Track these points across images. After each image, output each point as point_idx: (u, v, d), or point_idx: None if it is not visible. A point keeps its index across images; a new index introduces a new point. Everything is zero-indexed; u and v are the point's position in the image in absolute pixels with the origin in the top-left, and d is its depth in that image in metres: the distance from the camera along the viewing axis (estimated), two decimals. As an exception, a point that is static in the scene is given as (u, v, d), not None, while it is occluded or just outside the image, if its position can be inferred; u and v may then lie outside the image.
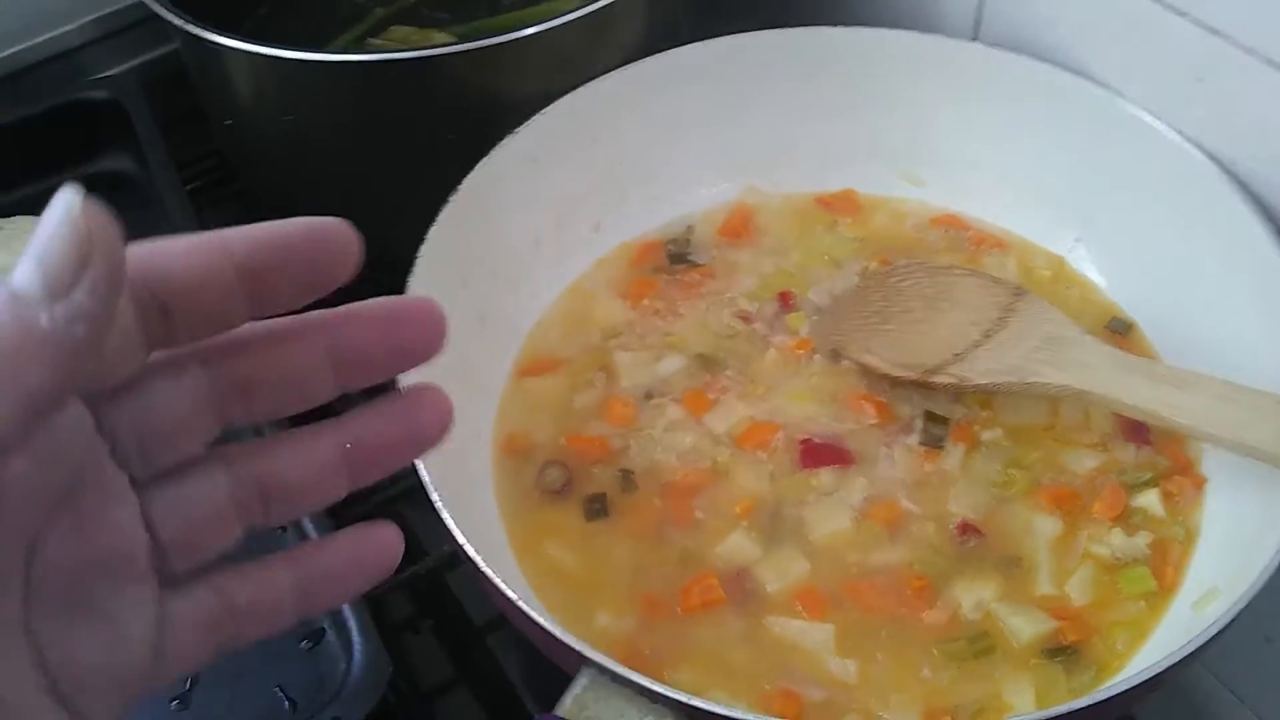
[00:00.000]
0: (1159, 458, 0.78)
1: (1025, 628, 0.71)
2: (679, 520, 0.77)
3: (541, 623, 0.61)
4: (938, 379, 0.79)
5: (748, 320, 0.88)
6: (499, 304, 0.87)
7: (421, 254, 0.78)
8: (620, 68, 0.89)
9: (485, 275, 0.86)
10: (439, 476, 0.68)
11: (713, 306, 0.89)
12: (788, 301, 0.88)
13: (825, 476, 0.78)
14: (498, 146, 0.84)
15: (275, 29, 1.09)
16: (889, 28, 0.91)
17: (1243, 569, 0.65)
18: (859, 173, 0.96)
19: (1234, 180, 0.78)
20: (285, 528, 0.75)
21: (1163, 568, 0.73)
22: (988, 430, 0.80)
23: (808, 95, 0.94)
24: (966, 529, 0.75)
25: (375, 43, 1.06)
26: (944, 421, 0.80)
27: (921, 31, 0.91)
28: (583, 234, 0.93)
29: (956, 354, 0.80)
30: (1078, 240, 0.90)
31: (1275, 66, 0.74)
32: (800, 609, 0.73)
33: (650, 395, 0.84)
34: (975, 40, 0.93)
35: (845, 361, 0.84)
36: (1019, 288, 0.82)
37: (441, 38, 1.04)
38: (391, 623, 0.86)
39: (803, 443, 0.80)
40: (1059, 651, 0.70)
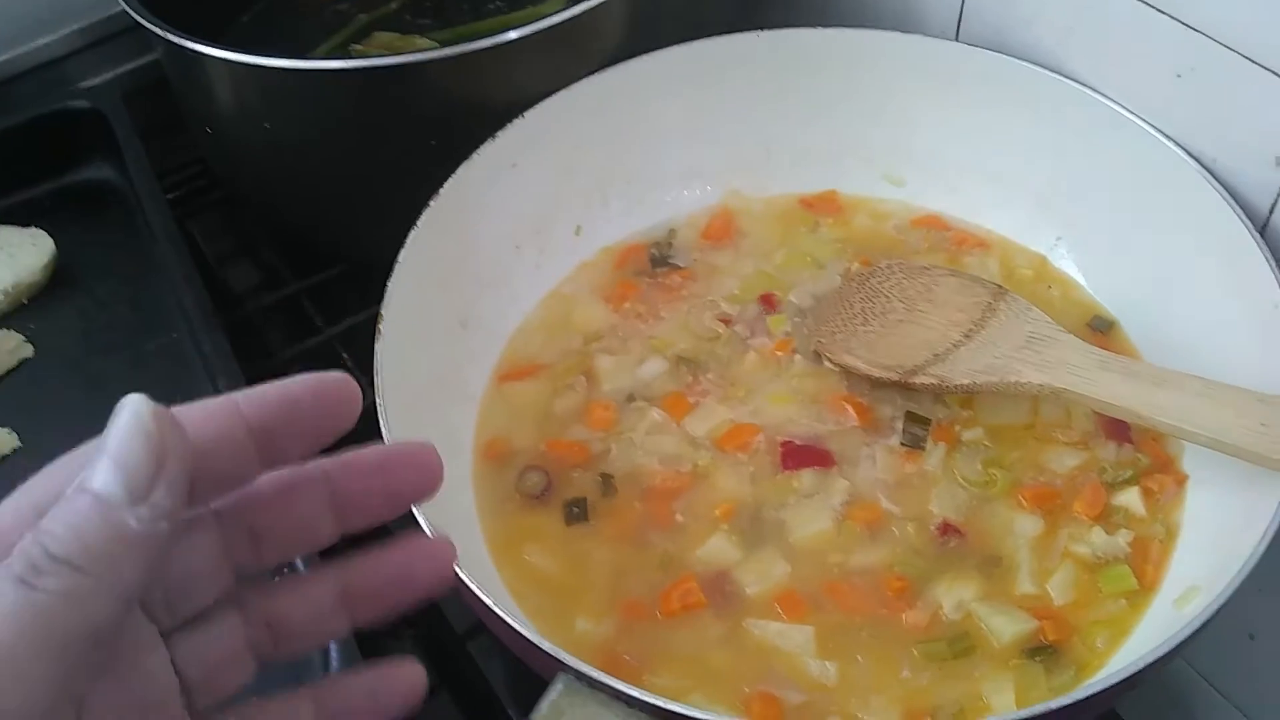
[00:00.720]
0: (1140, 456, 0.78)
1: (1006, 627, 0.70)
2: (659, 524, 0.77)
3: (516, 628, 0.61)
4: (919, 379, 0.79)
5: (729, 323, 0.87)
6: (480, 308, 0.87)
7: (402, 259, 0.78)
8: (600, 71, 0.89)
9: (466, 279, 0.86)
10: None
11: (694, 309, 0.89)
12: (769, 303, 0.88)
13: (806, 478, 0.78)
14: (478, 151, 0.84)
15: (258, 37, 1.09)
16: (870, 28, 0.91)
17: (1223, 566, 0.64)
18: (841, 173, 0.96)
19: (1214, 177, 0.78)
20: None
21: (1143, 566, 0.73)
22: (969, 430, 0.79)
23: (789, 97, 0.94)
24: (947, 529, 0.75)
25: (358, 49, 1.06)
26: (925, 422, 0.80)
27: (902, 32, 0.91)
28: (564, 238, 0.92)
29: (937, 354, 0.80)
30: (1059, 239, 0.90)
31: (1255, 63, 0.74)
32: (780, 611, 0.73)
33: (631, 399, 0.84)
34: (956, 40, 0.93)
35: (826, 363, 0.83)
36: (1000, 287, 0.82)
37: (424, 43, 1.04)
38: (372, 631, 0.85)
39: (783, 444, 0.80)
40: (1039, 651, 0.70)
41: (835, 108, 0.94)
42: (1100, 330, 0.85)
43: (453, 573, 0.45)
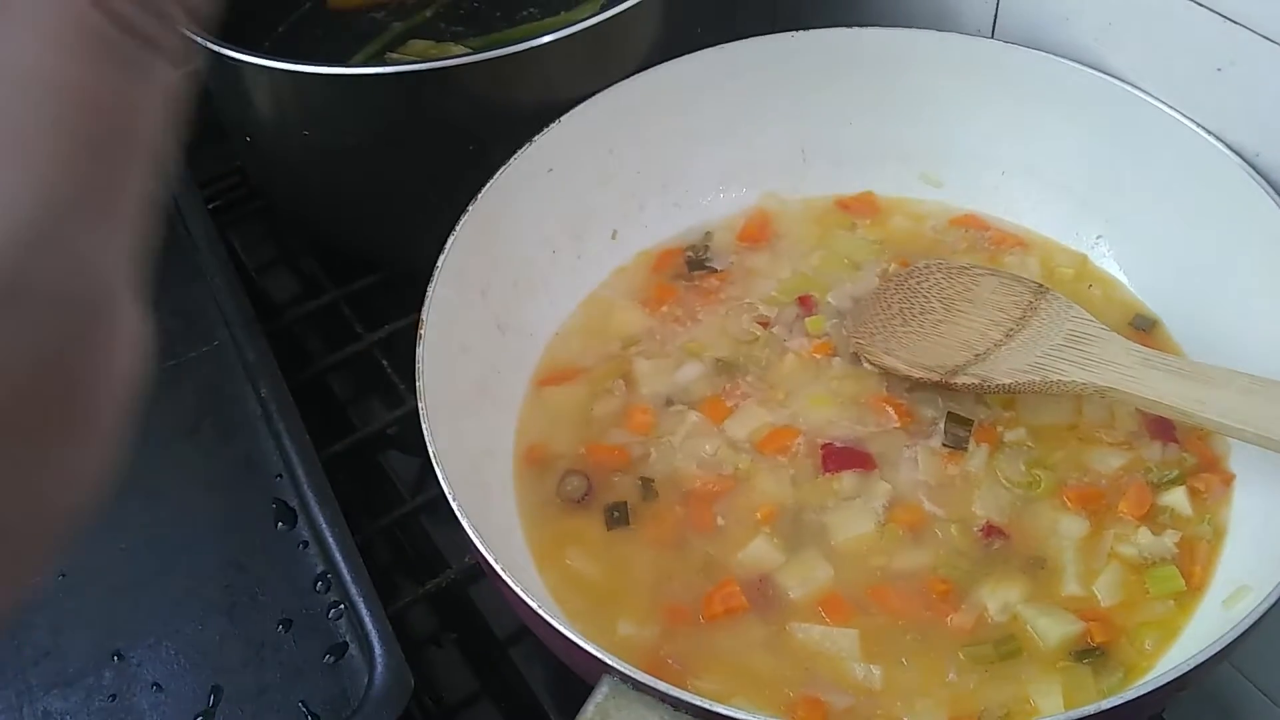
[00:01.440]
0: (1186, 455, 0.77)
1: (1052, 629, 0.70)
2: (700, 527, 0.77)
3: (562, 630, 0.61)
4: (960, 380, 0.78)
5: (767, 325, 0.87)
6: (518, 313, 0.87)
7: (441, 264, 0.78)
8: (635, 74, 0.89)
9: (504, 284, 0.86)
10: (459, 487, 0.68)
11: (732, 312, 0.89)
12: (807, 305, 0.88)
13: (847, 481, 0.78)
14: (515, 156, 0.85)
15: (295, 47, 1.10)
16: (905, 27, 0.91)
17: (1273, 565, 0.64)
18: (878, 174, 0.95)
19: (1257, 172, 0.77)
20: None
21: (1191, 566, 0.72)
22: (1011, 431, 0.79)
23: (824, 97, 0.94)
24: (991, 531, 0.75)
25: (394, 57, 1.06)
26: (967, 423, 0.79)
27: (938, 30, 0.90)
28: (601, 242, 0.93)
29: (978, 354, 0.79)
30: (1100, 237, 0.89)
31: (1296, 56, 0.73)
32: (824, 615, 0.72)
33: (670, 402, 0.84)
34: (992, 38, 0.92)
35: (866, 364, 0.83)
36: (1040, 286, 0.81)
37: (459, 50, 1.05)
38: (414, 637, 0.86)
39: (824, 447, 0.80)
40: (1087, 653, 0.69)
41: (871, 108, 0.94)
42: (1143, 329, 0.84)
43: None
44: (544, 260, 0.89)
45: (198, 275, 0.97)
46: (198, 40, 0.85)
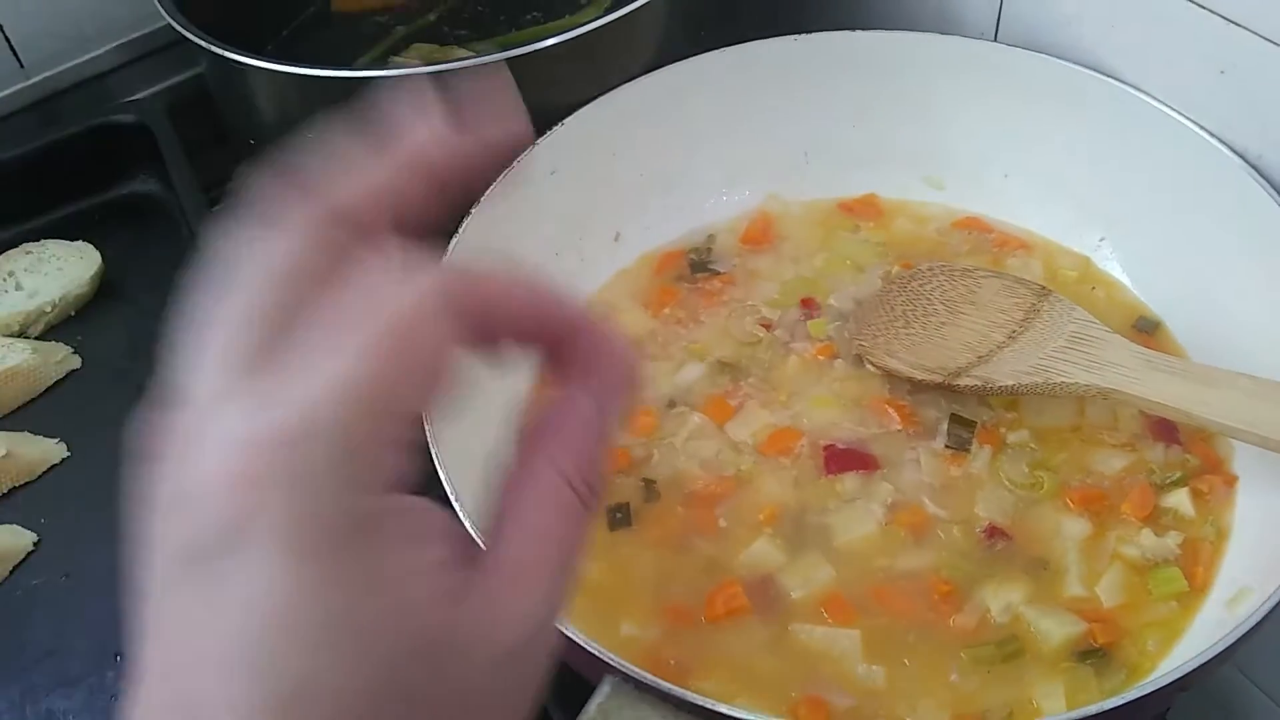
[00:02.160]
0: (1189, 457, 0.77)
1: (1055, 630, 0.70)
2: (702, 528, 0.77)
3: (563, 630, 0.61)
4: (962, 382, 0.78)
5: (769, 327, 0.87)
6: (521, 315, 0.87)
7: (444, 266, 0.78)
8: (639, 77, 0.89)
9: (507, 287, 0.86)
10: (462, 488, 0.68)
11: (734, 314, 0.89)
12: (810, 307, 0.88)
13: (849, 482, 0.78)
14: (517, 159, 0.85)
15: (298, 51, 1.10)
16: (907, 30, 0.91)
17: (1276, 566, 0.64)
18: (880, 177, 0.95)
19: (1260, 174, 0.77)
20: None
21: (1194, 568, 0.72)
22: (1014, 432, 0.79)
23: (827, 100, 0.94)
24: (994, 532, 0.74)
25: (398, 60, 1.07)
26: (970, 424, 0.79)
27: (941, 33, 0.90)
28: (604, 244, 0.93)
29: (981, 356, 0.79)
30: (1103, 239, 0.89)
31: (1299, 58, 0.73)
32: (826, 615, 0.72)
33: (672, 404, 0.84)
34: (995, 40, 0.92)
35: (868, 366, 0.83)
36: (1043, 288, 0.81)
37: (462, 54, 1.05)
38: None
39: (826, 449, 0.80)
40: (1090, 654, 0.69)
41: (874, 110, 0.94)
42: (1146, 331, 0.84)
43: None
44: (546, 262, 0.90)
45: (201, 277, 0.97)
46: (201, 45, 0.86)
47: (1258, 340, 0.77)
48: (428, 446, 0.69)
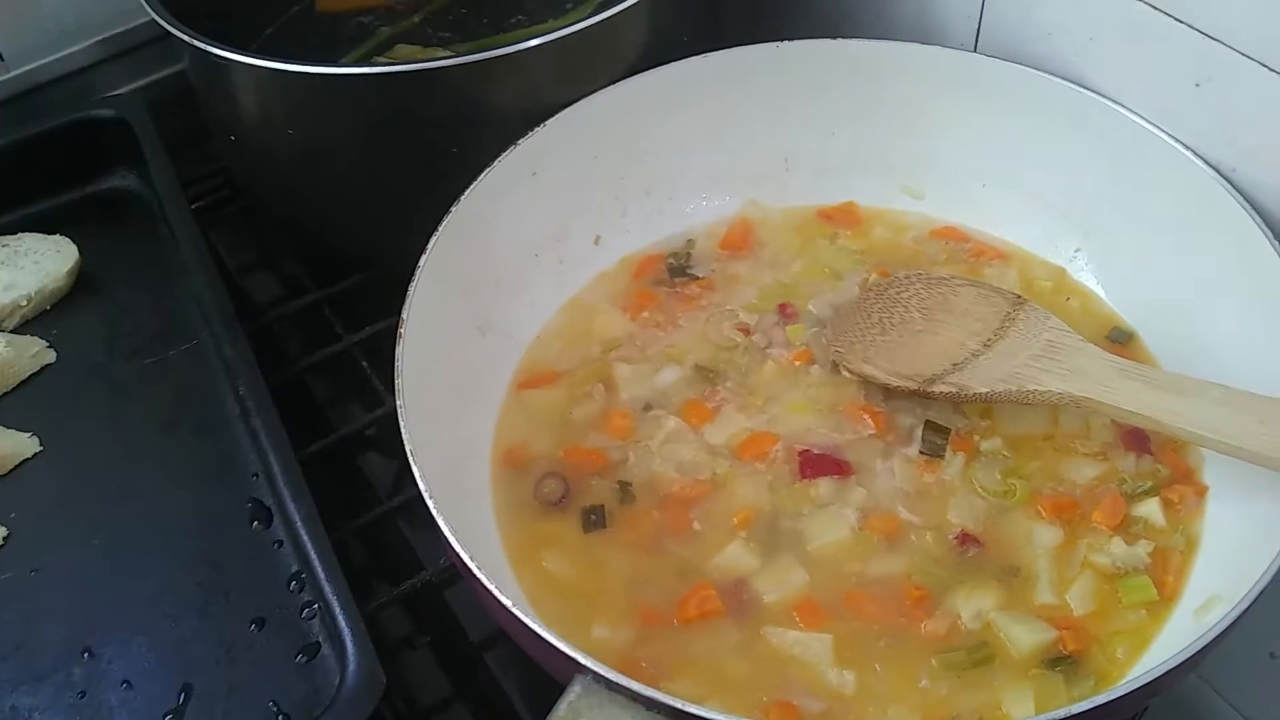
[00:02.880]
0: (1159, 466, 0.77)
1: (1025, 637, 0.70)
2: (677, 531, 0.77)
3: (534, 629, 0.61)
4: (937, 389, 0.79)
5: (747, 332, 0.88)
6: (499, 315, 0.87)
7: (423, 264, 0.78)
8: (620, 81, 0.89)
9: (486, 286, 0.86)
10: (436, 487, 0.67)
11: (712, 319, 0.89)
12: (787, 313, 0.88)
13: (824, 487, 0.78)
14: (499, 159, 0.85)
15: (282, 49, 1.10)
16: (889, 40, 0.91)
17: (1244, 575, 0.64)
18: (859, 185, 0.96)
19: (1234, 188, 0.78)
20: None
21: (1163, 576, 0.73)
22: (987, 440, 0.79)
23: (808, 108, 0.94)
24: (966, 539, 0.75)
25: (381, 61, 1.07)
26: (944, 431, 0.79)
27: (921, 43, 0.91)
28: (583, 247, 0.93)
29: (956, 364, 0.79)
30: (1078, 251, 0.90)
31: (1274, 71, 0.74)
32: (798, 620, 0.72)
33: (649, 407, 0.84)
34: (975, 51, 0.93)
35: (845, 372, 0.83)
36: (1019, 297, 0.82)
37: (445, 55, 1.05)
38: (388, 639, 0.86)
39: (801, 454, 0.80)
40: (1059, 661, 0.69)
41: (854, 119, 0.94)
42: (1120, 342, 0.85)
43: None
44: (526, 263, 0.90)
45: (179, 273, 0.97)
46: (185, 40, 0.86)
47: (1230, 351, 0.78)
48: (402, 442, 0.69)
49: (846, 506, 0.77)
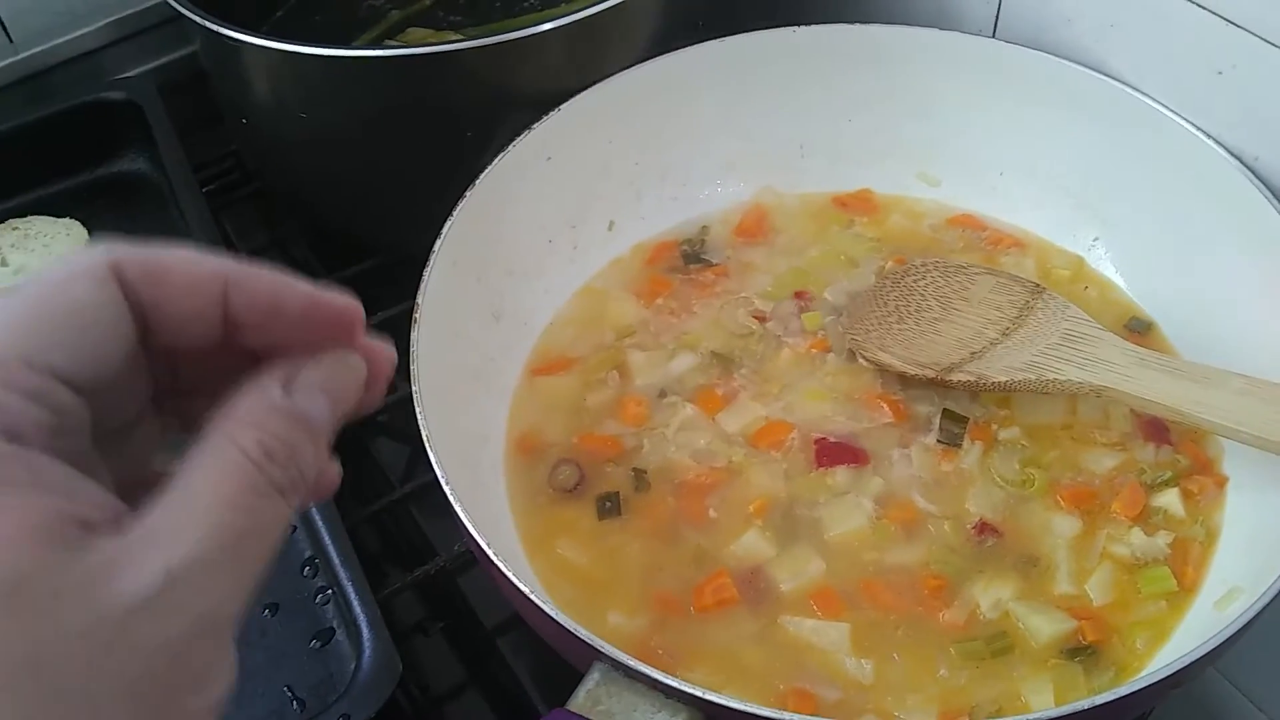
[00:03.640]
0: (1179, 457, 0.77)
1: (1044, 627, 0.70)
2: (692, 519, 0.77)
3: (554, 616, 0.61)
4: (955, 377, 0.78)
5: (762, 319, 0.87)
6: (513, 301, 0.86)
7: (438, 248, 0.78)
8: (635, 65, 0.89)
9: (500, 272, 0.85)
10: (452, 474, 0.67)
11: (727, 306, 0.88)
12: (803, 301, 0.88)
13: (840, 476, 0.78)
14: (513, 143, 0.84)
15: (292, 32, 1.09)
16: (907, 25, 0.91)
17: (1265, 567, 0.64)
18: (876, 172, 0.95)
19: (1256, 176, 0.77)
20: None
21: (1183, 567, 0.72)
22: (1006, 429, 0.79)
23: (824, 94, 0.93)
24: (984, 528, 0.74)
25: (393, 44, 1.06)
26: (962, 420, 0.79)
27: (940, 29, 0.90)
28: (597, 233, 0.92)
29: (974, 352, 0.79)
30: (1096, 239, 0.89)
31: (1297, 60, 0.73)
32: (815, 608, 0.72)
33: (664, 394, 0.83)
34: (994, 37, 0.92)
35: (861, 360, 0.83)
36: (1037, 286, 0.81)
37: (457, 39, 1.04)
38: (401, 625, 0.85)
39: (817, 442, 0.79)
40: (1078, 651, 0.69)
41: (870, 105, 0.94)
42: (1138, 331, 0.84)
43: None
44: (540, 249, 0.89)
45: (190, 257, 0.96)
46: (197, 22, 0.85)
47: (1251, 341, 0.77)
48: (417, 424, 0.69)
49: (863, 495, 0.76)
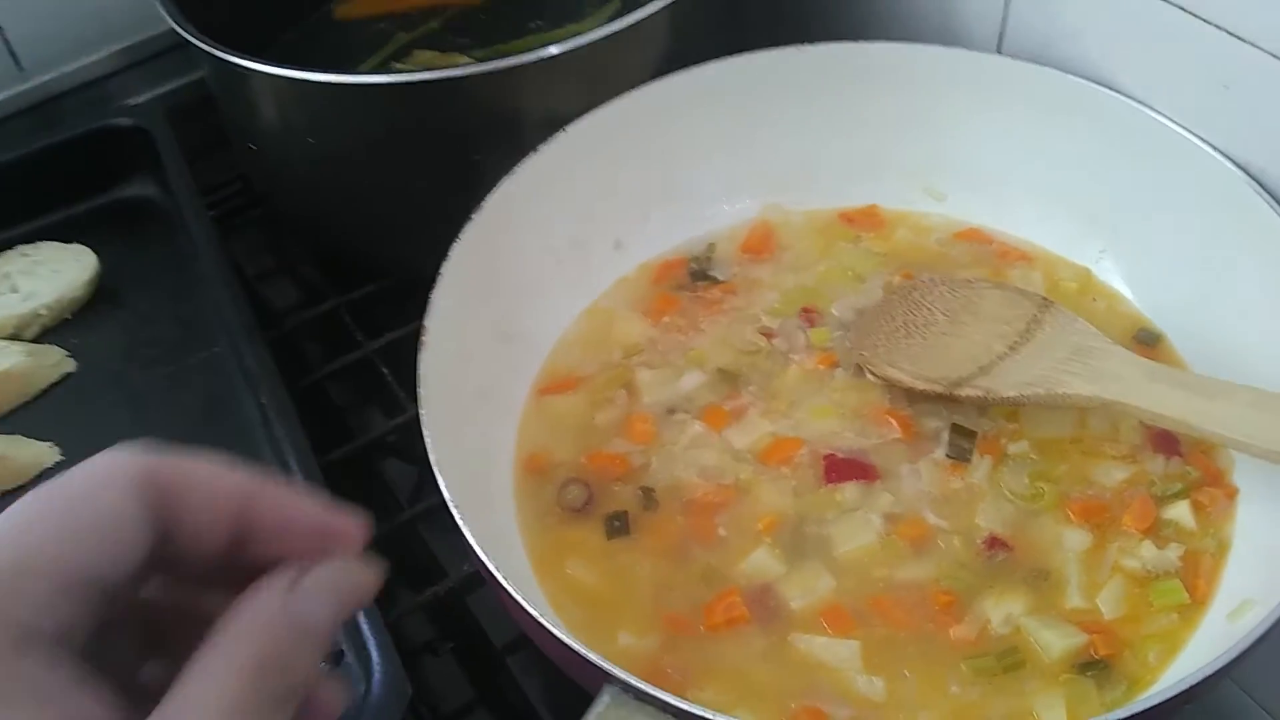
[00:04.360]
0: (1189, 469, 0.76)
1: (1055, 642, 0.69)
2: (701, 537, 0.76)
3: (563, 639, 0.60)
4: (964, 392, 0.78)
5: (769, 336, 0.87)
6: (521, 321, 0.86)
7: (445, 271, 0.78)
8: (641, 86, 0.89)
9: (507, 293, 0.86)
10: (459, 495, 0.67)
11: (734, 323, 0.88)
12: (810, 317, 0.88)
13: (849, 492, 0.77)
14: (519, 165, 0.84)
15: (299, 56, 1.09)
16: (911, 42, 0.91)
17: (1278, 578, 0.63)
18: (882, 188, 0.95)
19: (1263, 189, 0.77)
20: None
21: (1195, 580, 0.72)
22: (1014, 443, 0.79)
23: (830, 111, 0.93)
24: (994, 543, 0.74)
25: (399, 67, 1.07)
26: (970, 435, 0.79)
27: (944, 45, 0.90)
28: (604, 252, 0.92)
29: (982, 366, 0.79)
30: (1103, 252, 0.89)
31: (1304, 73, 0.73)
32: (826, 626, 0.72)
33: (672, 412, 0.83)
34: (999, 53, 0.92)
35: (869, 376, 0.83)
36: (1045, 299, 0.81)
37: (464, 61, 1.05)
38: (411, 645, 0.85)
39: (826, 458, 0.79)
40: (1090, 666, 0.69)
41: (876, 122, 0.94)
42: (1147, 343, 0.84)
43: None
44: (547, 269, 0.89)
45: (198, 282, 0.97)
46: (204, 49, 0.86)
47: (1259, 353, 0.77)
48: (424, 449, 0.69)
49: (873, 511, 0.76)
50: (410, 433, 0.72)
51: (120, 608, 0.38)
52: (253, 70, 0.86)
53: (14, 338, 0.95)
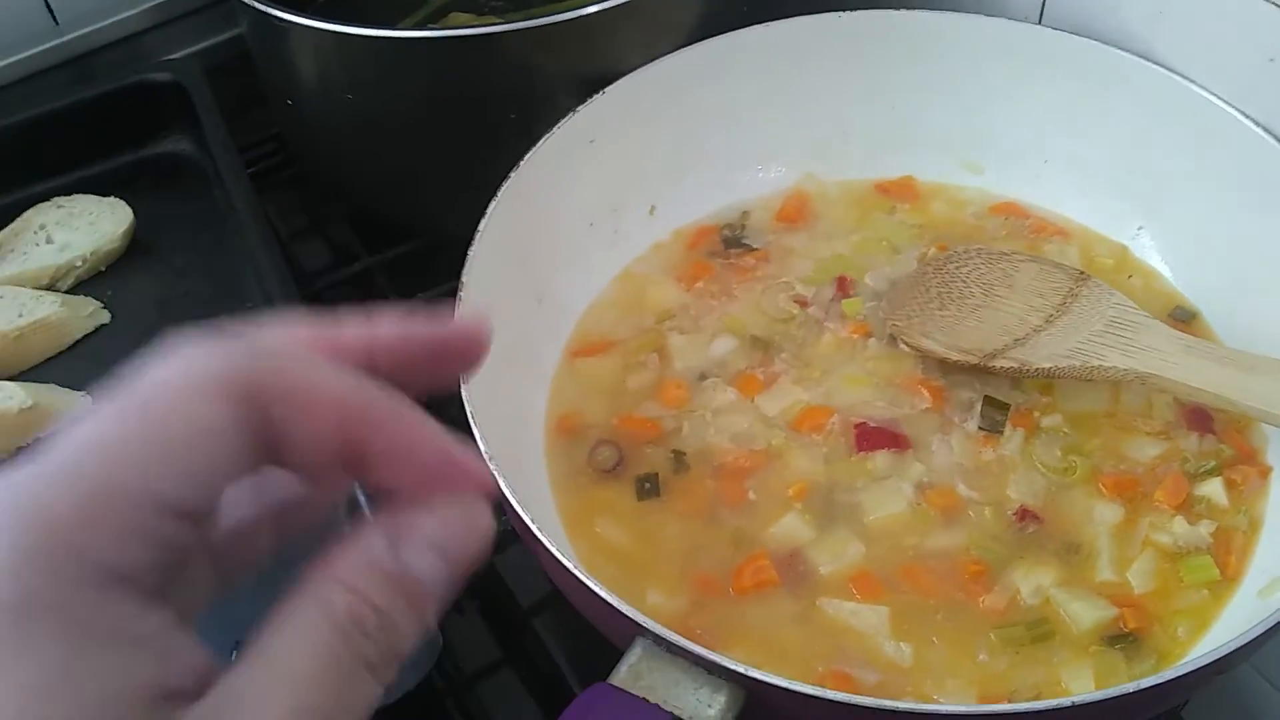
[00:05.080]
0: (1223, 446, 0.76)
1: (1085, 614, 0.69)
2: (731, 501, 0.77)
3: (597, 591, 0.61)
4: (998, 363, 0.78)
5: (803, 304, 0.87)
6: (554, 284, 0.87)
7: (482, 228, 0.78)
8: (679, 50, 0.89)
9: (542, 255, 0.86)
10: (496, 451, 0.67)
11: (768, 290, 0.88)
12: (844, 286, 0.88)
13: (880, 460, 0.77)
14: (557, 126, 0.84)
15: (335, 16, 1.09)
16: (951, 10, 0.90)
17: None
18: (919, 159, 0.95)
19: (1306, 167, 0.77)
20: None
21: (1226, 557, 0.72)
22: (1048, 416, 0.78)
23: (867, 80, 0.93)
24: (1025, 515, 0.74)
25: (436, 28, 1.06)
26: (1003, 407, 0.79)
27: (984, 14, 0.90)
28: (639, 217, 0.92)
29: (1017, 339, 0.79)
30: (1141, 228, 0.89)
31: (1350, 49, 0.72)
32: (855, 592, 0.72)
33: (703, 377, 0.83)
34: (1039, 23, 0.92)
35: (902, 346, 0.83)
36: (1081, 273, 0.81)
37: (499, 23, 1.04)
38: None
39: (858, 426, 0.79)
40: (1119, 639, 0.69)
41: (914, 92, 0.93)
42: (1183, 320, 0.84)
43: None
44: (582, 232, 0.89)
45: (233, 238, 0.97)
46: (245, 2, 0.85)
47: (1297, 332, 0.76)
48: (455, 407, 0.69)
49: (904, 480, 0.76)
50: (440, 393, 0.72)
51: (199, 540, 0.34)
52: (294, 24, 0.86)
53: (49, 288, 0.96)
